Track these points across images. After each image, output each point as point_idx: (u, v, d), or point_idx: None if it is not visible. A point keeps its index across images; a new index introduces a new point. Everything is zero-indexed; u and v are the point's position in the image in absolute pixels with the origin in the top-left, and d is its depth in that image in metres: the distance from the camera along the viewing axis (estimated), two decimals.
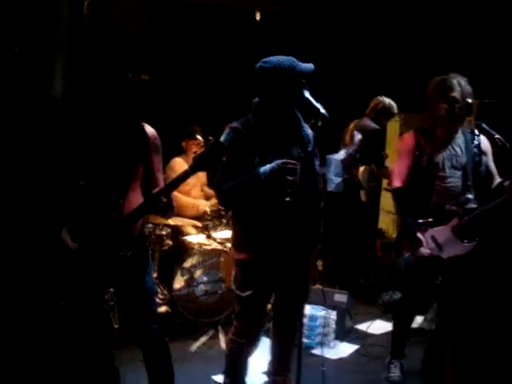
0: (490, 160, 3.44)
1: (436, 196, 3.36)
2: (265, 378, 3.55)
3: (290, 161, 2.66)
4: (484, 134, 3.39)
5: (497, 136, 3.26)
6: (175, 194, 2.59)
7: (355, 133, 3.04)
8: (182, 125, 5.38)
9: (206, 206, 5.28)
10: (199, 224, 5.03)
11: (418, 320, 4.51)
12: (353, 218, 5.30)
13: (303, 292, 2.99)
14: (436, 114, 3.34)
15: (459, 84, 3.27)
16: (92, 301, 2.80)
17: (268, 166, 2.68)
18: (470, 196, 3.33)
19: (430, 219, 3.35)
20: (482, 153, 3.38)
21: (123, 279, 2.77)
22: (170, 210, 2.65)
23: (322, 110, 2.65)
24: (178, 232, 5.03)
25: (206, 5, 5.70)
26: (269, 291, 3.01)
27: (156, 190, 2.56)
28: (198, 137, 5.16)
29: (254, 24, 5.75)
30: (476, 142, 3.38)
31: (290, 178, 2.64)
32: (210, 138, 3.34)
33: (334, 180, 2.74)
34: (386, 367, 3.71)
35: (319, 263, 5.81)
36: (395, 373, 3.62)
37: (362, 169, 5.35)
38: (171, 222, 4.55)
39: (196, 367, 3.80)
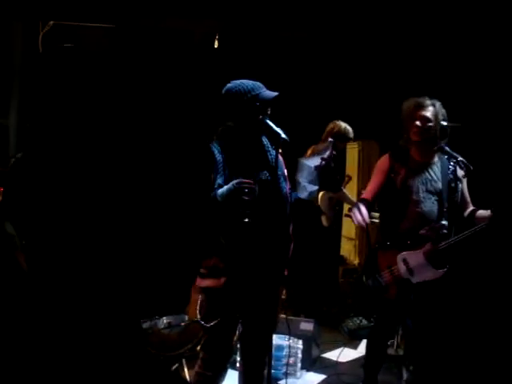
0: (465, 187, 3.44)
1: (410, 220, 3.34)
2: None
3: (245, 180, 2.60)
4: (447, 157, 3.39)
5: (460, 158, 3.25)
6: None
7: (328, 139, 3.05)
8: None
9: None
10: None
11: None
12: (315, 243, 5.26)
13: (271, 321, 2.90)
14: (410, 135, 3.33)
15: (433, 105, 3.28)
16: None
17: (225, 188, 2.63)
18: (445, 222, 3.30)
19: (408, 241, 3.33)
20: (457, 179, 3.36)
21: None
22: None
23: (283, 135, 2.63)
24: None
25: (167, 33, 5.67)
26: (235, 320, 2.90)
27: None
28: None
29: (213, 51, 5.73)
30: (452, 168, 3.37)
31: (247, 198, 2.58)
32: None
33: (308, 187, 2.65)
34: None
35: (282, 292, 5.73)
36: None
37: (320, 194, 5.33)
38: None
39: None
